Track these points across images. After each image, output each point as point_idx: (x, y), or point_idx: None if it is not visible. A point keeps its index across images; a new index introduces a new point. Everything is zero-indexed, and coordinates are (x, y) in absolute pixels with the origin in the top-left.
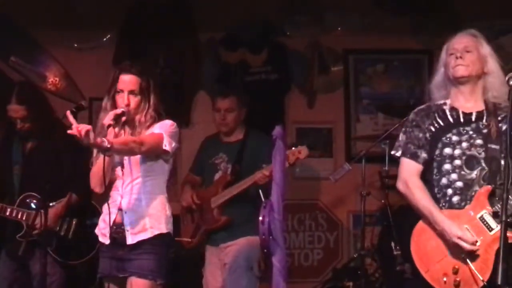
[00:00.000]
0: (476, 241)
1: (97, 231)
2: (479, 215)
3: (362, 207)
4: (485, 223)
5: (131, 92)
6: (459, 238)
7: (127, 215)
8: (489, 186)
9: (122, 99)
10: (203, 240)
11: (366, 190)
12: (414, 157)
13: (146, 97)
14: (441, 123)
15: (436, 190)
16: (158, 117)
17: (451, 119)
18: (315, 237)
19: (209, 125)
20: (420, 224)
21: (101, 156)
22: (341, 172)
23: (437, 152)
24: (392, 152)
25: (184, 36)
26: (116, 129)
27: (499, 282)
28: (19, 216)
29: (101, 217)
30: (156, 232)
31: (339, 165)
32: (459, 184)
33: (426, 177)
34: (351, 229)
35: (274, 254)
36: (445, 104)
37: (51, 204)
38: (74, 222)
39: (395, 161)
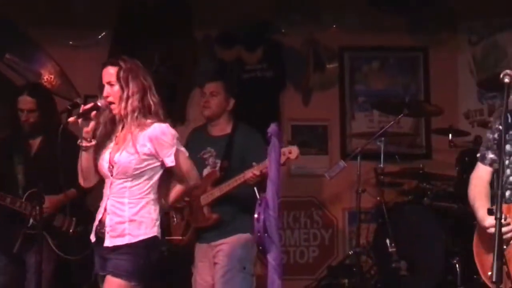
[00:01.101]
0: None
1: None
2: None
3: (358, 204)
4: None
5: (109, 83)
6: (489, 227)
7: (109, 217)
8: None
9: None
10: (194, 238)
11: (361, 188)
12: (483, 159)
13: (125, 86)
14: (509, 121)
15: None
16: (149, 109)
17: None
18: (311, 235)
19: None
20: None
21: (81, 151)
22: (336, 169)
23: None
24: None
25: (179, 34)
26: (91, 124)
27: (493, 279)
28: (24, 209)
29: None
30: (134, 240)
31: (335, 162)
32: (511, 179)
33: None
34: (347, 226)
35: (269, 251)
36: None
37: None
38: (74, 219)
39: (391, 158)
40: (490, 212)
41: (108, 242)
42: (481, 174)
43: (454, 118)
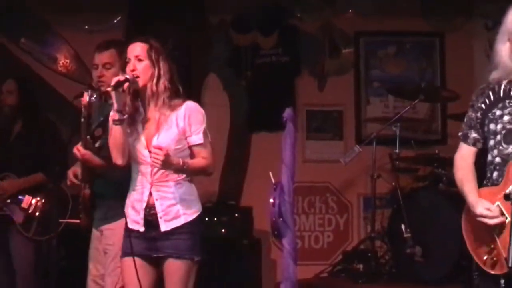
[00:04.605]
0: (498, 217)
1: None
2: (507, 191)
3: (373, 190)
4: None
5: (137, 58)
6: (480, 215)
7: (159, 202)
8: None
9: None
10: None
11: (376, 173)
12: (465, 138)
13: (156, 64)
14: (492, 99)
15: (486, 168)
16: (176, 92)
17: (501, 93)
18: (325, 220)
19: (220, 107)
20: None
21: (115, 127)
22: (352, 154)
23: (485, 129)
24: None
25: (194, 18)
26: (127, 97)
27: (509, 265)
28: None
29: (128, 203)
30: (189, 219)
31: (350, 147)
32: (498, 159)
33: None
34: (361, 212)
35: (284, 236)
36: (505, 79)
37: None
38: (42, 201)
39: (406, 144)
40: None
41: (164, 227)
42: (465, 154)
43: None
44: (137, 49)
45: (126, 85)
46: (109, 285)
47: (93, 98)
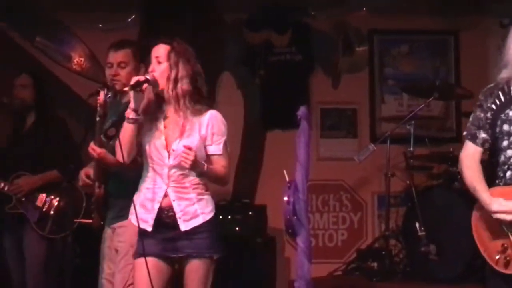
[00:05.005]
0: None
1: (132, 217)
2: None
3: (387, 188)
4: None
5: (157, 59)
6: (495, 212)
7: (176, 203)
8: None
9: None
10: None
11: (390, 171)
12: (473, 138)
13: (174, 67)
14: (502, 100)
15: (498, 168)
16: (198, 96)
17: None
18: (339, 218)
19: (234, 106)
20: (478, 203)
21: (128, 124)
22: (366, 152)
23: (497, 130)
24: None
25: (208, 17)
26: (145, 97)
27: None
28: (9, 190)
29: (137, 202)
30: (208, 218)
31: (364, 145)
32: None
33: (493, 158)
34: (376, 210)
35: (298, 234)
36: None
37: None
38: (57, 199)
39: (420, 142)
40: None
41: (184, 226)
42: (472, 154)
43: None
44: (159, 50)
45: (145, 85)
46: (118, 282)
47: (108, 95)
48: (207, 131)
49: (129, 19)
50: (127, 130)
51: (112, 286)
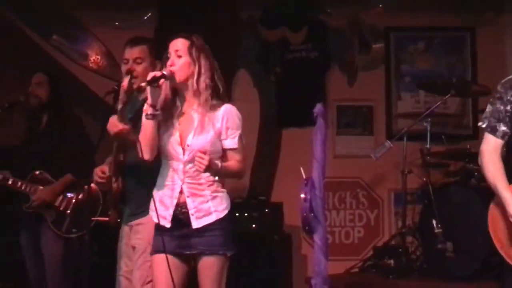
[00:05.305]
0: None
1: (153, 213)
2: None
3: (404, 185)
4: None
5: (177, 53)
6: None
7: (190, 199)
8: None
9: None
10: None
11: (407, 168)
12: (493, 131)
13: (196, 61)
14: None
15: None
16: (217, 91)
17: None
18: (356, 215)
19: (250, 103)
20: (496, 199)
21: (147, 121)
22: (382, 149)
23: None
24: (479, 124)
25: (224, 14)
26: (162, 92)
27: None
28: (27, 189)
29: (156, 197)
30: (221, 216)
31: (380, 143)
32: None
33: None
34: (392, 207)
35: (315, 231)
36: None
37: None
38: (74, 198)
39: (437, 139)
40: None
41: (196, 224)
42: (493, 147)
43: None
44: (178, 44)
45: (162, 81)
46: (137, 279)
47: (132, 81)
48: (222, 125)
49: (145, 17)
50: (147, 127)
51: (130, 284)
